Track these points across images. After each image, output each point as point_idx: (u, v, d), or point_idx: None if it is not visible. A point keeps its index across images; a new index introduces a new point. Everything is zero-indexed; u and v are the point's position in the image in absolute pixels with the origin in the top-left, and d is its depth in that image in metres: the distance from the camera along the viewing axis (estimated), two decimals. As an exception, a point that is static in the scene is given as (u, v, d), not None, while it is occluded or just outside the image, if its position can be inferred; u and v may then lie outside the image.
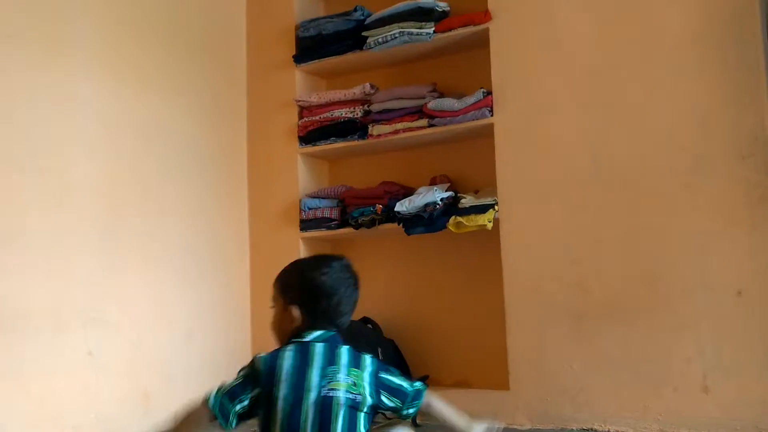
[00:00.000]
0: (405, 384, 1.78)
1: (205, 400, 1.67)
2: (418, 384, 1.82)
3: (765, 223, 2.66)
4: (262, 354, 1.71)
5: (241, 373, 1.69)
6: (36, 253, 2.80)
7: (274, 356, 1.69)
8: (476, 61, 3.38)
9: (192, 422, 1.68)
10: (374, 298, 3.67)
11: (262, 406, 1.65)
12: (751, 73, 2.72)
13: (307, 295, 1.76)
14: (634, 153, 2.91)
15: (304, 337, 1.73)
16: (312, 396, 1.63)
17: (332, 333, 1.75)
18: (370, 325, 3.49)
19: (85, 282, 2.96)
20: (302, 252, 3.66)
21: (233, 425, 1.66)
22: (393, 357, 3.42)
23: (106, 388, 2.96)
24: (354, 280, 1.83)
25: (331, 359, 1.68)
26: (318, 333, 1.74)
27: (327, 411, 1.63)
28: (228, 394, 1.66)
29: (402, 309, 3.61)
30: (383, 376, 1.75)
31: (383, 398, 1.72)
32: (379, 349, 3.33)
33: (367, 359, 1.74)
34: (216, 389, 1.68)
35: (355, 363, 1.71)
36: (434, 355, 3.47)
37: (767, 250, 2.64)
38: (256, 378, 1.66)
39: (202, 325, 3.42)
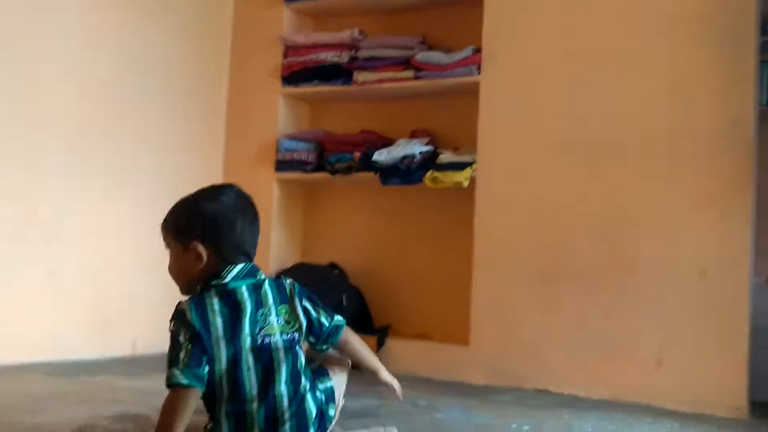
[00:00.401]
0: (324, 318, 1.71)
1: (180, 386, 1.47)
2: (338, 319, 1.75)
3: (737, 207, 2.69)
4: (186, 307, 1.55)
5: (186, 337, 1.51)
6: (1, 167, 2.74)
7: (202, 310, 1.55)
8: (468, 18, 3.33)
9: (185, 419, 1.48)
10: (343, 245, 3.68)
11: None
12: (740, 57, 2.73)
13: (209, 227, 1.61)
14: (617, 126, 2.92)
15: (224, 278, 1.59)
16: (248, 348, 1.55)
17: (251, 265, 1.64)
18: (336, 271, 3.50)
19: (50, 201, 2.91)
20: (275, 192, 3.63)
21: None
22: (357, 304, 3.44)
23: (64, 310, 2.94)
24: (254, 209, 1.69)
25: (258, 302, 1.59)
26: (237, 269, 1.60)
27: (268, 360, 1.56)
28: (192, 363, 1.49)
29: (370, 258, 3.62)
30: (306, 305, 1.68)
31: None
32: (344, 295, 3.34)
33: (290, 286, 1.66)
34: (175, 368, 1.48)
35: (282, 298, 1.63)
36: (398, 306, 3.50)
37: (736, 234, 2.68)
38: (198, 338, 1.52)
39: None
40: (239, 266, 1.61)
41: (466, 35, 3.32)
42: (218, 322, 1.54)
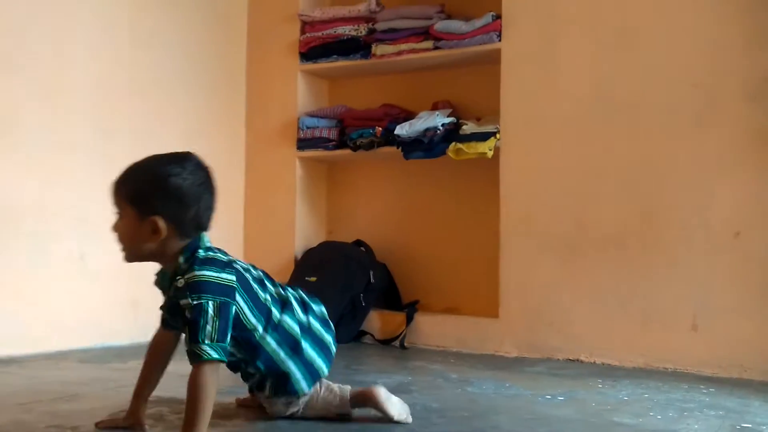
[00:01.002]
0: None
1: (213, 361, 1.48)
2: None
3: (768, 165, 2.63)
4: (224, 273, 1.55)
5: (231, 309, 1.54)
6: (28, 153, 2.76)
7: (235, 268, 1.59)
8: (487, -17, 3.27)
9: (212, 400, 1.50)
10: (369, 221, 3.67)
11: None
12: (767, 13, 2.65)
13: (174, 205, 1.54)
14: (643, 88, 2.85)
15: (206, 243, 1.60)
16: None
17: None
18: (362, 248, 3.49)
19: (77, 183, 2.92)
20: (297, 171, 3.61)
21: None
22: (385, 280, 3.43)
23: (96, 294, 2.96)
24: (214, 182, 1.62)
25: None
26: (206, 240, 1.60)
27: None
28: (224, 339, 1.51)
29: (396, 234, 3.60)
30: None
31: None
32: (371, 272, 3.33)
33: None
34: (210, 342, 1.48)
35: None
36: (425, 281, 3.48)
37: (768, 193, 2.62)
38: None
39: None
40: (205, 237, 1.61)
41: (485, 2, 3.25)
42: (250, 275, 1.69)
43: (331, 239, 3.70)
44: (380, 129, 3.37)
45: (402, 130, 3.27)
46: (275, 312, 1.70)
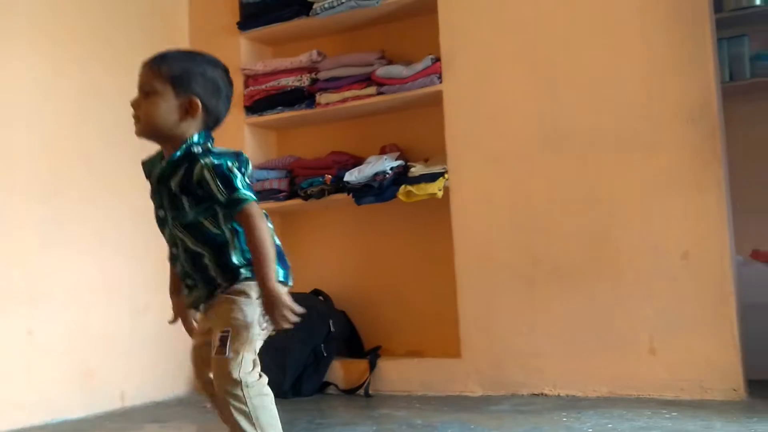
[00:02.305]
0: None
1: (256, 202, 1.55)
2: None
3: (710, 186, 2.69)
4: (225, 157, 1.56)
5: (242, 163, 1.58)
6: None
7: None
8: (425, 27, 3.32)
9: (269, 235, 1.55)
10: (325, 270, 3.64)
11: None
12: (698, 39, 2.74)
13: (210, 89, 1.62)
14: (583, 119, 2.91)
15: (213, 143, 1.63)
16: None
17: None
18: (321, 297, 3.45)
19: (25, 258, 2.85)
20: (251, 224, 3.58)
21: None
22: (345, 328, 3.40)
23: (48, 368, 2.87)
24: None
25: None
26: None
27: None
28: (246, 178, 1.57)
29: (353, 280, 3.58)
30: None
31: None
32: (331, 321, 3.30)
33: None
34: (245, 188, 1.54)
35: None
36: (386, 326, 3.45)
37: (712, 213, 2.68)
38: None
39: (149, 300, 3.31)
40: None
41: (424, 45, 3.30)
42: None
43: (288, 290, 3.66)
44: (330, 177, 3.37)
45: (351, 176, 3.28)
46: None
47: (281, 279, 1.59)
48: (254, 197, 1.55)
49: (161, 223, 1.64)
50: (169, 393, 3.33)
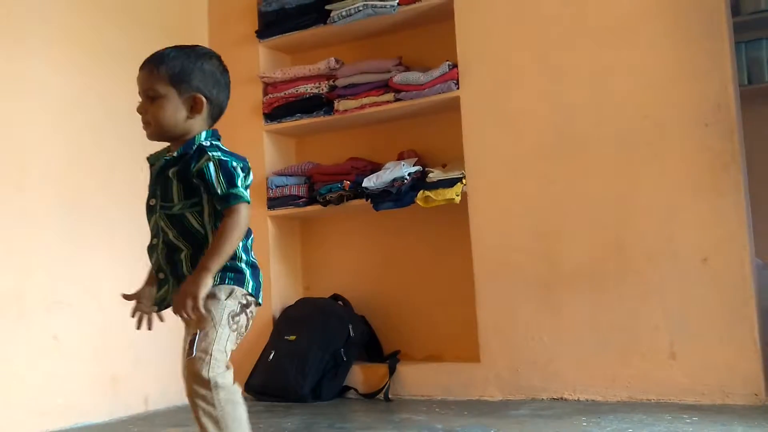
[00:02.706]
0: None
1: (248, 204, 1.57)
2: None
3: (729, 190, 2.68)
4: (233, 157, 1.59)
5: (245, 174, 1.60)
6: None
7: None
8: (441, 34, 3.35)
9: (238, 241, 1.58)
10: (344, 275, 3.67)
11: None
12: (715, 40, 2.73)
13: (210, 84, 1.64)
14: (600, 123, 2.92)
15: (220, 140, 1.65)
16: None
17: None
18: (340, 302, 3.48)
19: (49, 265, 2.90)
20: (270, 229, 3.62)
21: None
22: (364, 333, 3.42)
23: (72, 373, 2.92)
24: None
25: None
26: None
27: None
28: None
29: (372, 285, 3.60)
30: None
31: None
32: (350, 326, 3.32)
33: None
34: (244, 188, 1.57)
35: None
36: (405, 330, 3.47)
37: (731, 217, 2.67)
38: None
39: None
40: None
41: (441, 51, 3.32)
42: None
43: (308, 295, 3.70)
44: (348, 182, 3.40)
45: (370, 182, 3.31)
46: None
47: (251, 291, 1.62)
48: (249, 201, 1.57)
49: (149, 211, 1.67)
50: (190, 398, 3.37)
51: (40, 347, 2.83)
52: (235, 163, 1.58)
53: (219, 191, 1.56)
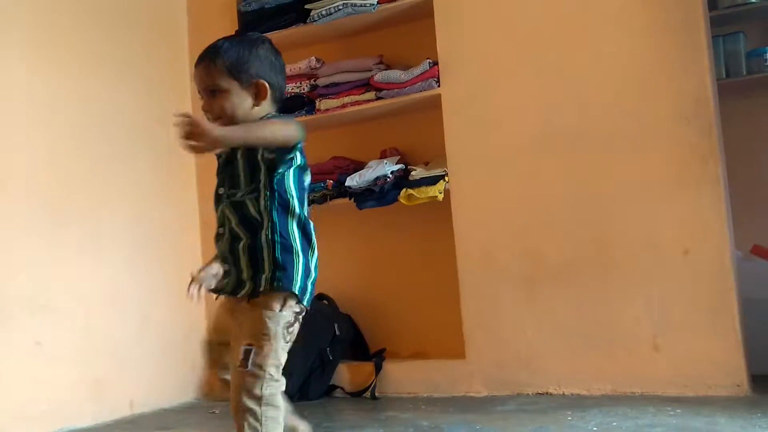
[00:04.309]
0: None
1: (298, 131, 1.58)
2: None
3: (708, 183, 2.71)
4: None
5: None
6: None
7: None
8: (422, 32, 3.35)
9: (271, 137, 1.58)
10: (328, 275, 3.61)
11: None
12: (692, 36, 2.76)
13: (267, 67, 1.65)
14: (582, 119, 2.93)
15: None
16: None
17: None
18: (325, 301, 3.48)
19: (31, 268, 2.88)
20: (254, 231, 3.60)
21: None
22: (350, 332, 3.42)
23: (56, 377, 2.90)
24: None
25: None
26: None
27: None
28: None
29: (357, 284, 3.60)
30: None
31: None
32: (336, 325, 3.32)
33: None
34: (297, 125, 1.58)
35: None
36: (391, 328, 3.47)
37: (711, 210, 2.70)
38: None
39: (155, 309, 3.36)
40: None
41: (421, 49, 3.32)
42: None
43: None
44: (331, 182, 3.39)
45: (353, 181, 3.30)
46: (305, 212, 1.68)
47: (297, 292, 1.58)
48: (302, 138, 1.58)
49: (217, 200, 1.67)
50: (177, 400, 3.36)
51: (23, 352, 2.81)
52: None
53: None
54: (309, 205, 1.74)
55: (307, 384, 3.21)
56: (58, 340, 2.92)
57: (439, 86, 3.20)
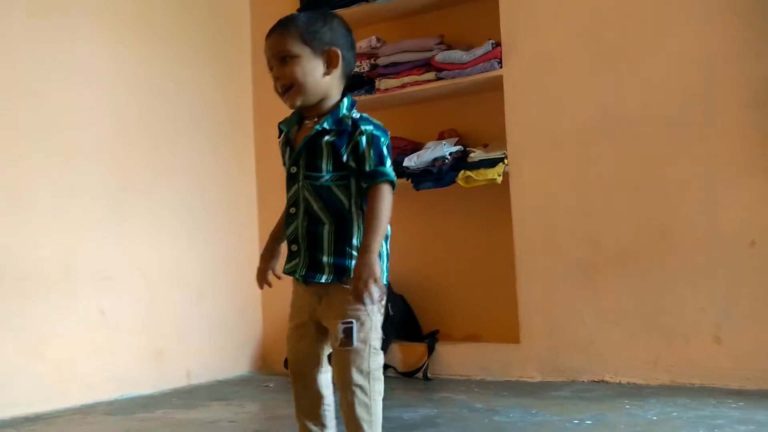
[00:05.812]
0: None
1: (394, 185, 1.57)
2: None
3: (779, 171, 2.63)
4: (382, 132, 1.59)
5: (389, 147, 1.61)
6: (46, 214, 2.80)
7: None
8: (484, 12, 3.31)
9: (388, 218, 1.56)
10: (383, 254, 3.66)
11: None
12: (764, 19, 2.66)
13: (340, 36, 1.62)
14: (646, 103, 2.87)
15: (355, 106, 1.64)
16: None
17: None
18: (379, 281, 3.49)
19: (97, 241, 2.96)
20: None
21: None
22: (403, 312, 3.43)
23: (119, 347, 2.99)
24: None
25: None
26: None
27: None
28: None
29: (411, 265, 3.59)
30: None
31: None
32: (389, 305, 3.33)
33: None
34: (390, 167, 1.56)
35: None
36: (444, 310, 3.47)
37: (781, 200, 2.62)
38: None
39: (213, 284, 3.43)
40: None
41: (484, 30, 3.29)
42: None
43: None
44: (389, 162, 3.39)
45: (410, 161, 3.30)
46: None
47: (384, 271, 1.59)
48: (395, 181, 1.57)
49: (291, 179, 1.64)
50: (232, 372, 3.43)
51: (88, 322, 2.90)
52: (384, 139, 1.58)
53: (367, 167, 1.54)
54: None
55: (360, 362, 3.23)
56: (121, 311, 3.01)
57: (501, 67, 3.16)
